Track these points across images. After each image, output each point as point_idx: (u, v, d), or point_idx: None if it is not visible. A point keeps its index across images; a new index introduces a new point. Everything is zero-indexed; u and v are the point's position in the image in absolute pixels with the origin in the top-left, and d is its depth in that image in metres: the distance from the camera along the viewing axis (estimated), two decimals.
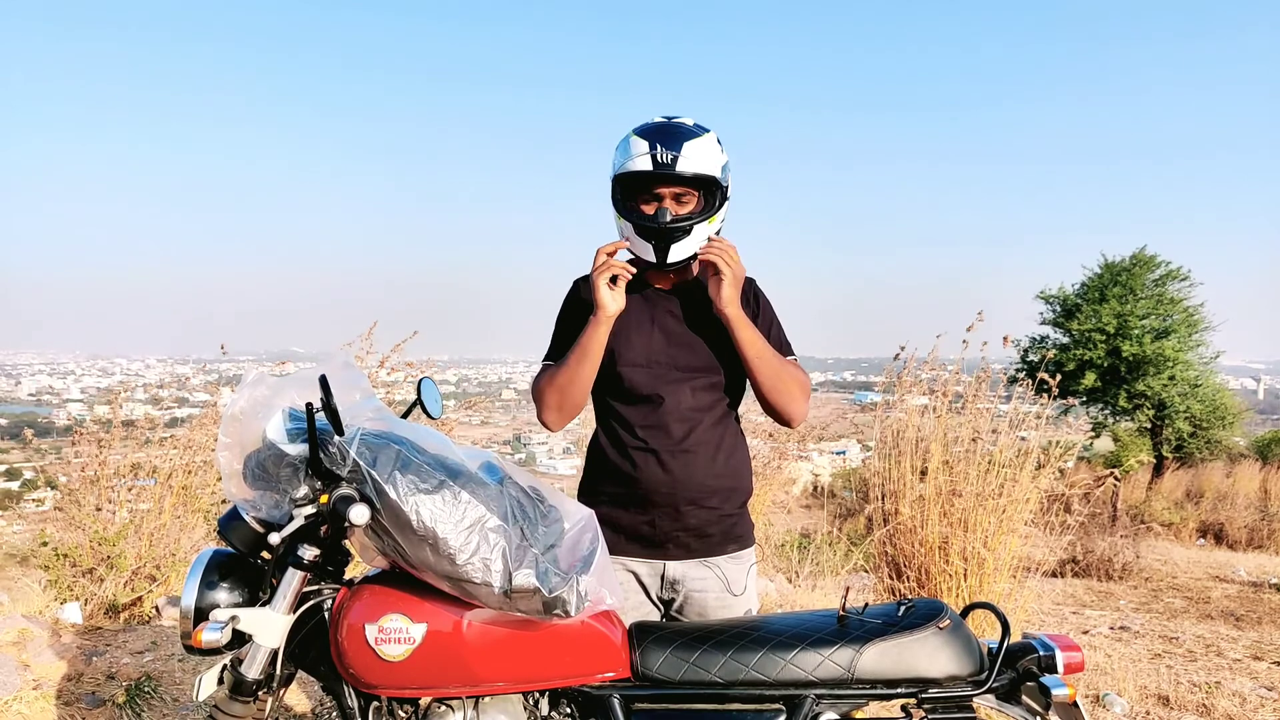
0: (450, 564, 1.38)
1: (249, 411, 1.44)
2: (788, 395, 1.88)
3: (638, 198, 1.84)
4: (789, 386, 1.87)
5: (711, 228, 1.86)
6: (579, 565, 1.47)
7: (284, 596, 1.46)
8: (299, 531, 1.43)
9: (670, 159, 1.76)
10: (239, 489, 1.46)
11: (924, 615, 1.57)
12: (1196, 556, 8.99)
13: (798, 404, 1.90)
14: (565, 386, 1.88)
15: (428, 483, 1.40)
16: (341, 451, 1.39)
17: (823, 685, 1.51)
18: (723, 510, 1.88)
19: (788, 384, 1.87)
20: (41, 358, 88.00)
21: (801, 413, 1.93)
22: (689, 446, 1.85)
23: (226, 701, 1.49)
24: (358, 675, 1.47)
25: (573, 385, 1.87)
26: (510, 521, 1.44)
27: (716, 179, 1.81)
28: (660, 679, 1.54)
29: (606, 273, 1.81)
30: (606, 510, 1.85)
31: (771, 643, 1.54)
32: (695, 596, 1.87)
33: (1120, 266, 15.69)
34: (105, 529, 3.87)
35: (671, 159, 1.76)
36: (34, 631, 3.12)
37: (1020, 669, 1.56)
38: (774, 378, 1.86)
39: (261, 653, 1.46)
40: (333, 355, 1.55)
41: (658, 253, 1.83)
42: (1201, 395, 15.27)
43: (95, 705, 2.80)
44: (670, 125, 1.82)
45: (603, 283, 1.80)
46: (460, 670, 1.47)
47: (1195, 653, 4.56)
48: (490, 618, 1.46)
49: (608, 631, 1.55)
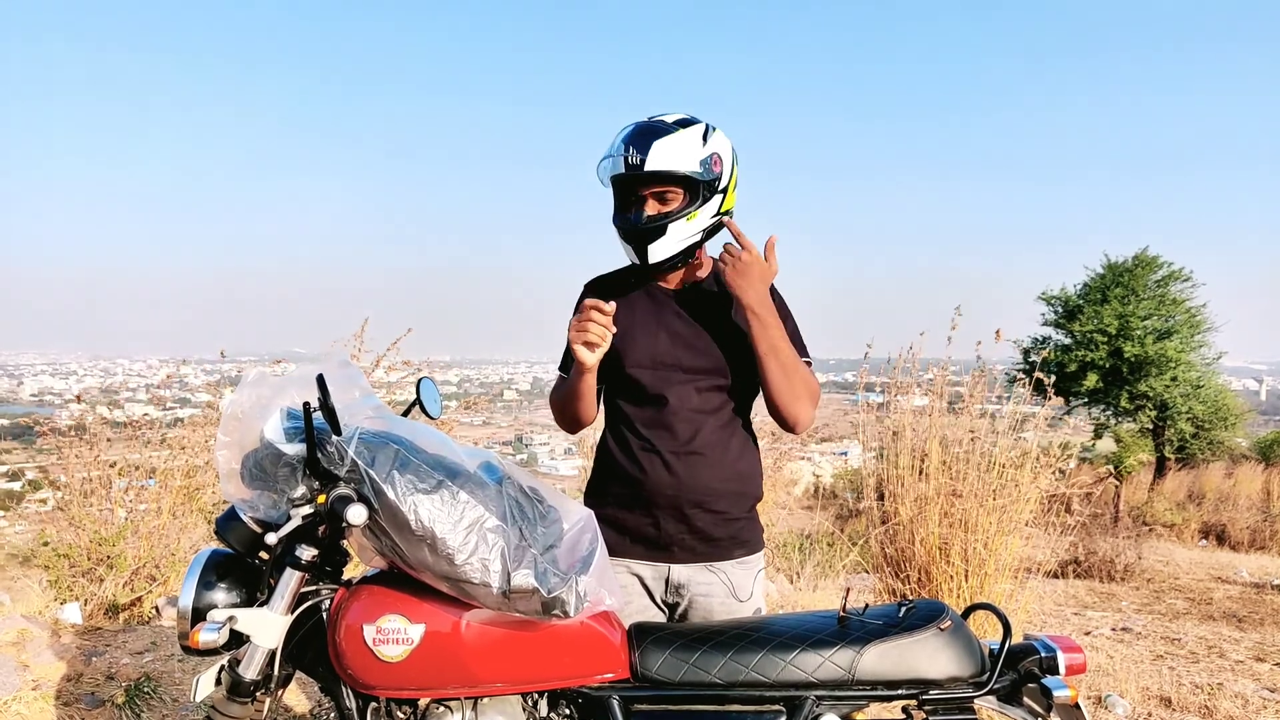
0: (448, 564, 1.37)
1: (248, 411, 1.44)
2: (795, 397, 1.83)
3: (627, 200, 1.84)
4: (798, 389, 1.83)
5: (691, 225, 1.81)
6: (578, 566, 1.46)
7: (282, 597, 1.46)
8: (297, 532, 1.42)
9: (639, 160, 1.75)
10: (237, 489, 1.45)
11: (925, 616, 1.56)
12: (1198, 558, 8.97)
13: (804, 408, 1.85)
14: (564, 409, 1.96)
15: (426, 482, 1.39)
16: (339, 451, 1.38)
17: (823, 686, 1.50)
18: (730, 514, 1.86)
19: (797, 386, 1.83)
20: (44, 358, 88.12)
21: (807, 418, 1.87)
22: (695, 448, 1.83)
23: (224, 702, 1.48)
24: (355, 676, 1.47)
25: (570, 410, 1.93)
26: (509, 522, 1.43)
27: (690, 175, 1.77)
28: (660, 680, 1.53)
29: (581, 338, 1.75)
30: (612, 511, 1.85)
31: (771, 644, 1.53)
32: (700, 601, 1.85)
33: (1122, 267, 15.67)
34: (104, 529, 3.87)
35: (640, 160, 1.74)
36: (33, 632, 3.12)
37: (1022, 670, 1.55)
38: (784, 376, 1.81)
39: (259, 653, 1.45)
40: (331, 354, 1.54)
41: (638, 254, 1.82)
42: (1203, 396, 15.24)
43: (95, 705, 2.79)
44: (647, 125, 1.80)
45: (579, 346, 1.75)
46: (458, 671, 1.46)
47: (1197, 654, 4.55)
48: (489, 618, 1.46)
49: (607, 632, 1.54)
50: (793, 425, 1.87)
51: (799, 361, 1.85)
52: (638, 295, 1.92)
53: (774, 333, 1.80)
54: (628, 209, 1.83)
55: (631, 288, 1.94)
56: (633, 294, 1.92)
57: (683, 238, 1.82)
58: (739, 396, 1.91)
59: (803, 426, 1.89)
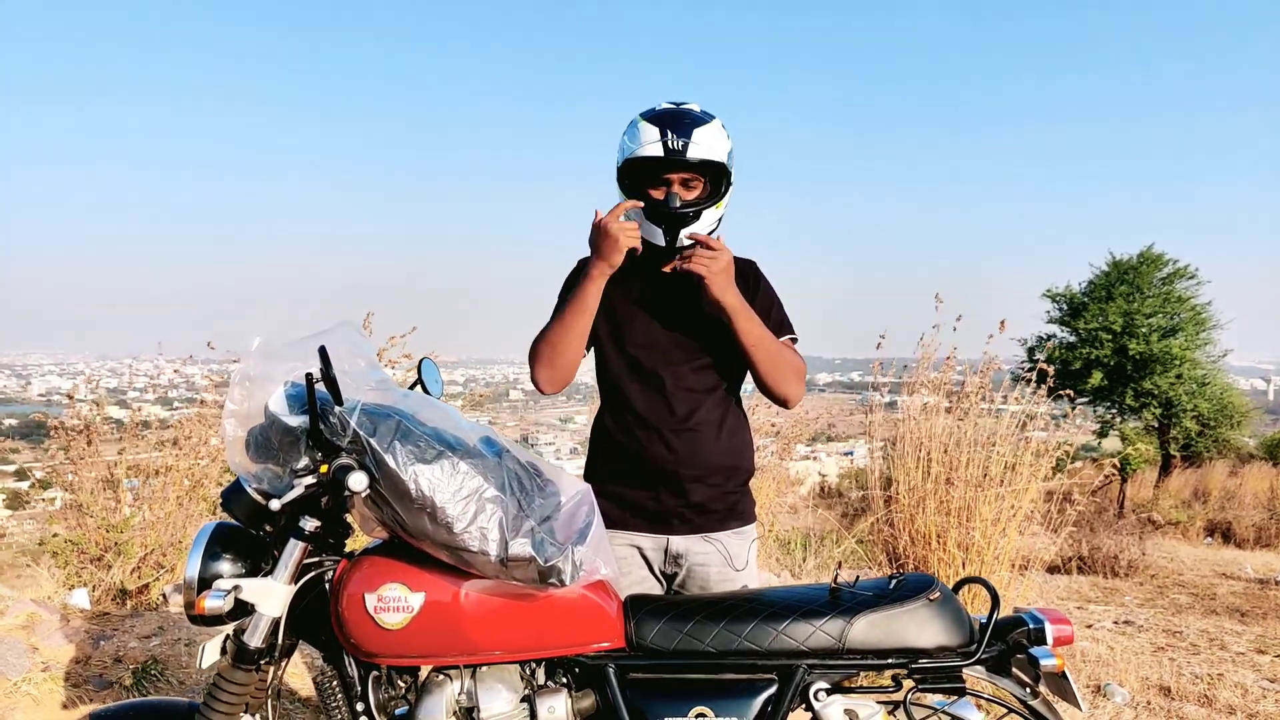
0: (448, 532, 1.40)
1: (255, 379, 1.47)
2: (782, 379, 1.91)
3: (646, 183, 1.87)
4: (784, 373, 1.91)
5: (718, 212, 1.90)
6: (575, 537, 1.50)
7: (285, 567, 1.49)
8: (300, 502, 1.45)
9: (681, 145, 1.79)
10: (241, 459, 1.49)
11: (914, 588, 1.59)
12: (1203, 554, 8.96)
13: (792, 387, 1.94)
14: (557, 343, 1.90)
15: (426, 453, 1.42)
16: (342, 422, 1.41)
17: (814, 655, 1.53)
18: (726, 488, 1.93)
19: (783, 370, 1.91)
20: (51, 358, 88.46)
21: (797, 395, 1.96)
22: (692, 425, 1.89)
23: (230, 670, 1.52)
24: (357, 644, 1.50)
25: (565, 341, 1.89)
26: (507, 492, 1.46)
27: (724, 165, 1.85)
28: (654, 649, 1.56)
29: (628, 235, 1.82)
30: (613, 487, 1.90)
31: (764, 613, 1.56)
32: (698, 570, 1.91)
33: (1127, 265, 15.64)
34: (112, 516, 3.92)
35: (683, 145, 1.79)
36: (43, 616, 3.17)
37: (1010, 641, 1.58)
38: (770, 363, 1.89)
39: (264, 622, 1.49)
40: (341, 324, 1.57)
41: (668, 236, 1.86)
42: (1209, 394, 15.20)
43: (102, 688, 2.83)
44: (680, 111, 1.86)
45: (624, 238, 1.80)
46: (458, 639, 1.49)
47: (1198, 646, 4.56)
48: (487, 587, 1.49)
49: (603, 602, 1.57)
50: (784, 403, 1.97)
51: (781, 347, 1.93)
52: (635, 278, 1.96)
53: (755, 327, 1.87)
54: (645, 192, 1.87)
55: (627, 269, 1.97)
56: (630, 277, 1.96)
57: (710, 224, 1.89)
58: (731, 375, 1.98)
59: (794, 402, 1.97)
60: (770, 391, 1.94)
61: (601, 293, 1.88)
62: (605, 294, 1.91)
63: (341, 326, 1.56)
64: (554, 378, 1.94)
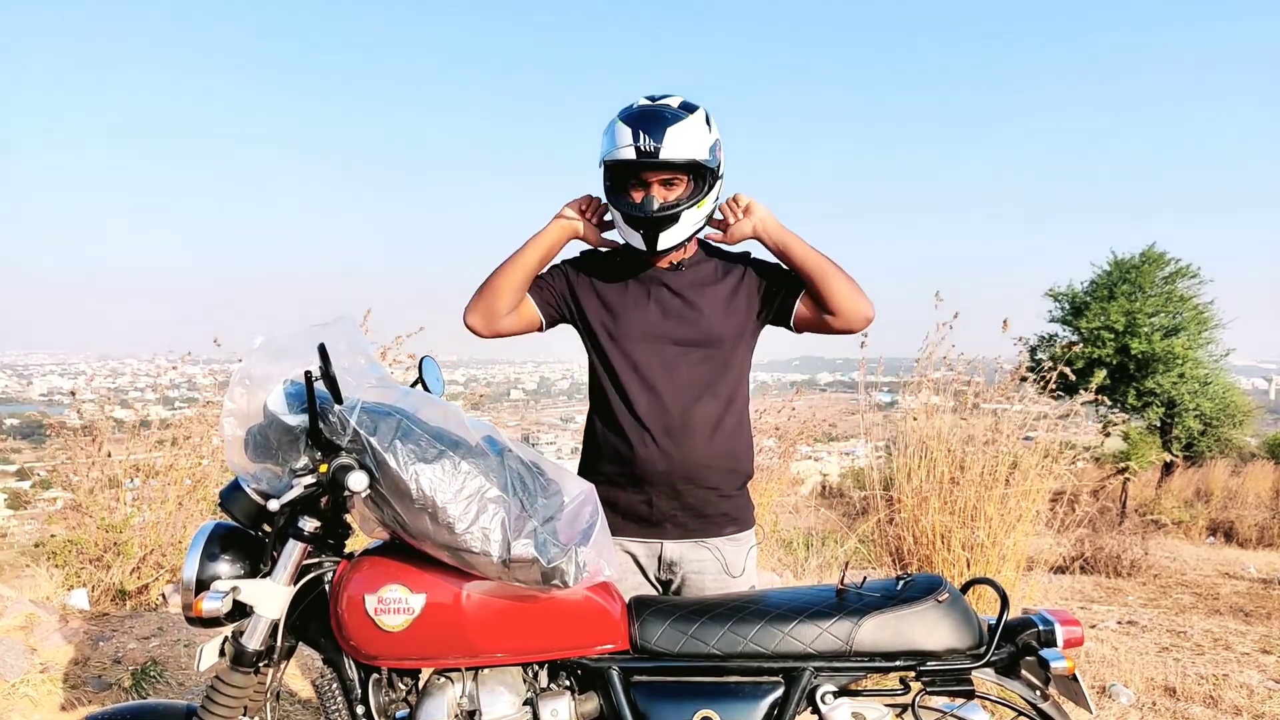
0: (449, 533, 1.38)
1: (254, 377, 1.45)
2: (856, 293, 1.85)
3: (626, 185, 1.82)
4: (854, 288, 1.85)
5: (701, 211, 1.83)
6: (578, 537, 1.47)
7: (284, 568, 1.47)
8: (300, 503, 1.43)
9: (653, 148, 1.73)
10: (240, 458, 1.46)
11: (922, 589, 1.57)
12: (1206, 554, 8.93)
13: (863, 300, 1.87)
14: (488, 289, 1.91)
15: (428, 452, 1.40)
16: (341, 421, 1.39)
17: (821, 657, 1.51)
18: (721, 491, 1.87)
19: (852, 286, 1.85)
20: (53, 358, 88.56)
21: (869, 306, 1.88)
22: (686, 424, 1.83)
23: (228, 672, 1.50)
24: (357, 646, 1.48)
25: (494, 290, 1.90)
26: (510, 492, 1.44)
27: (702, 163, 1.78)
28: (659, 651, 1.54)
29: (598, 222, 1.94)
30: (604, 490, 1.83)
31: (770, 615, 1.54)
32: (693, 578, 1.86)
33: (1129, 264, 15.60)
34: (111, 515, 3.90)
35: (654, 148, 1.73)
36: (42, 616, 3.14)
37: (1020, 643, 1.55)
38: (842, 280, 1.84)
39: (262, 623, 1.47)
40: (339, 320, 1.54)
41: (647, 241, 1.81)
42: (1211, 393, 15.16)
43: (101, 689, 2.81)
44: (653, 110, 1.79)
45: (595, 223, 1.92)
46: (459, 641, 1.47)
47: (1203, 646, 4.53)
48: (489, 589, 1.47)
49: (606, 604, 1.55)
50: (866, 321, 1.90)
51: (837, 265, 1.87)
52: (628, 273, 1.93)
53: (811, 252, 1.84)
54: (626, 193, 1.82)
55: (621, 265, 1.95)
56: (623, 271, 1.93)
57: (692, 224, 1.84)
58: (730, 372, 1.91)
59: (870, 315, 1.89)
60: (848, 313, 1.85)
61: (542, 257, 1.91)
62: (598, 291, 1.89)
63: (339, 321, 1.53)
64: (479, 323, 1.93)
